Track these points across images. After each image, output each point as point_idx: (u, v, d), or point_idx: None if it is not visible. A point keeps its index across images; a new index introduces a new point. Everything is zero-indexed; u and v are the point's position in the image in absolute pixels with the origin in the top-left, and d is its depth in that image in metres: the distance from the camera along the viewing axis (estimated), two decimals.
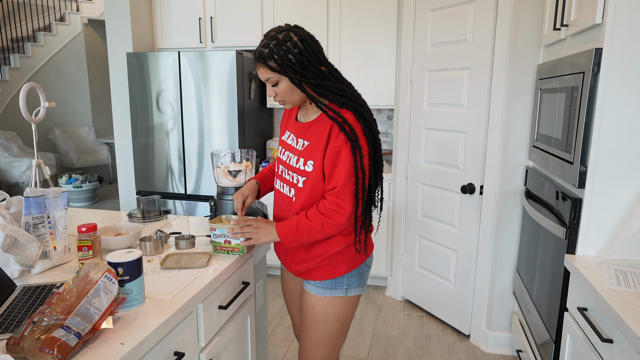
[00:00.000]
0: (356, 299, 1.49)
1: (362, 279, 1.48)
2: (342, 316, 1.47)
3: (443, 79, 2.61)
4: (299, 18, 3.27)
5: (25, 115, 3.02)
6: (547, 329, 1.75)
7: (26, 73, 6.31)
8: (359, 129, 1.30)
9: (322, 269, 1.43)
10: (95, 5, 6.80)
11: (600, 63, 1.41)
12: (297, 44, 1.28)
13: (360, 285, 1.48)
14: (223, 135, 3.18)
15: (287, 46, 1.27)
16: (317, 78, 1.31)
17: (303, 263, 1.45)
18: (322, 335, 1.47)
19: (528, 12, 2.15)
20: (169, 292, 1.21)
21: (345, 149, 1.29)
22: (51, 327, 0.92)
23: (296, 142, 1.42)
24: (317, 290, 1.45)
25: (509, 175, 2.30)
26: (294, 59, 1.27)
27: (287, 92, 1.33)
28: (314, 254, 1.42)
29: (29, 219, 1.36)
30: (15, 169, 5.54)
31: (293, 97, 1.35)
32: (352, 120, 1.30)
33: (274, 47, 1.27)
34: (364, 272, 1.49)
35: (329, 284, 1.43)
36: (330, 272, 1.42)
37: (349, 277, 1.44)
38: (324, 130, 1.33)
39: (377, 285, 3.35)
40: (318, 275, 1.44)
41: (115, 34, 3.39)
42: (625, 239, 1.42)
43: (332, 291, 1.44)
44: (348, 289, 1.45)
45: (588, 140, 1.48)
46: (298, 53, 1.27)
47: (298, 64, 1.28)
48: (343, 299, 1.45)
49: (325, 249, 1.40)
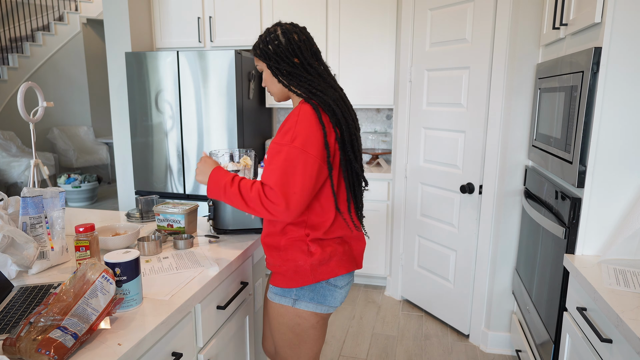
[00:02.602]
0: (310, 315, 1.41)
1: (320, 296, 1.39)
2: (295, 327, 1.42)
3: (442, 79, 2.60)
4: (298, 17, 3.26)
5: (24, 115, 3.01)
6: (546, 328, 1.75)
7: (25, 73, 6.30)
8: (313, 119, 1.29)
9: (282, 275, 1.40)
10: (94, 5, 6.79)
11: (600, 62, 1.41)
12: (278, 37, 1.38)
13: (314, 302, 1.39)
14: (222, 135, 3.17)
15: (270, 37, 1.39)
16: (288, 67, 1.37)
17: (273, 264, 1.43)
18: (279, 342, 1.47)
19: (527, 11, 2.14)
20: (167, 293, 1.21)
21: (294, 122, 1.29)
22: (48, 327, 0.91)
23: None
24: (270, 294, 1.45)
25: (508, 174, 2.30)
26: (271, 49, 1.37)
27: (267, 80, 1.43)
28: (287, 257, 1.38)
29: (26, 219, 1.36)
30: (14, 168, 5.54)
31: (273, 86, 1.43)
32: (306, 110, 1.30)
33: (262, 38, 1.40)
34: (325, 290, 1.39)
35: (279, 291, 1.42)
36: (286, 281, 1.39)
37: (298, 290, 1.39)
38: (284, 124, 1.35)
39: (376, 285, 3.34)
40: (277, 281, 1.41)
41: (114, 34, 3.38)
42: (624, 238, 1.41)
43: (280, 298, 1.42)
44: (296, 301, 1.40)
45: (587, 139, 1.48)
46: (277, 45, 1.37)
47: (274, 54, 1.37)
48: (291, 309, 1.41)
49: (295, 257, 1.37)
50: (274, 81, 1.41)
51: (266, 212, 1.26)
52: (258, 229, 1.70)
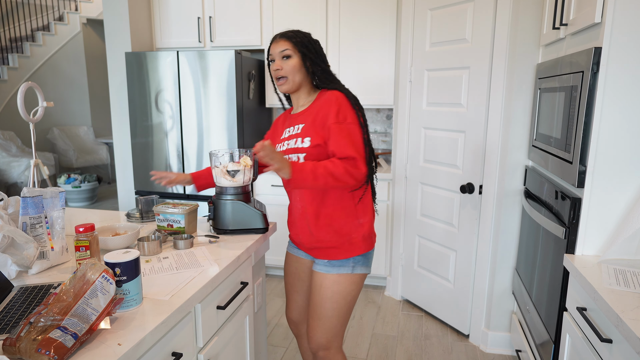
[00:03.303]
0: (361, 278, 1.62)
1: (368, 260, 1.63)
2: (347, 295, 1.59)
3: (442, 79, 2.60)
4: (298, 17, 3.26)
5: (23, 115, 3.01)
6: (546, 328, 1.75)
7: (25, 73, 6.30)
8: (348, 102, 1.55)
9: (337, 249, 1.57)
10: (94, 5, 6.79)
11: (600, 62, 1.41)
12: (313, 39, 1.60)
13: (366, 265, 1.62)
14: (222, 134, 3.17)
15: (306, 35, 1.60)
16: (322, 64, 1.60)
17: (326, 241, 1.58)
18: (329, 312, 1.59)
19: (527, 11, 2.14)
20: (167, 293, 1.21)
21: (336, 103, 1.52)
22: (48, 327, 0.91)
23: (293, 129, 1.60)
24: (325, 268, 1.59)
25: (508, 174, 2.30)
26: (309, 45, 1.57)
27: (294, 68, 1.55)
28: (342, 233, 1.57)
29: (26, 219, 1.36)
30: (14, 168, 5.53)
31: (296, 76, 1.57)
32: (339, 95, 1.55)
33: (296, 32, 1.59)
34: (370, 254, 1.64)
35: (336, 263, 1.58)
36: (339, 253, 1.57)
37: (354, 258, 1.59)
38: (321, 109, 1.54)
39: (376, 285, 3.34)
40: (332, 255, 1.58)
41: (114, 34, 3.38)
42: (624, 238, 1.41)
43: (339, 269, 1.58)
44: (354, 267, 1.59)
45: (587, 139, 1.48)
46: (314, 43, 1.59)
47: (313, 50, 1.57)
48: (348, 277, 1.59)
49: (350, 230, 1.57)
50: (301, 70, 1.57)
51: (352, 180, 1.46)
52: (258, 229, 1.70)
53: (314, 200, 1.58)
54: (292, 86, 1.58)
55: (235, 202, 1.67)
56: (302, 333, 1.85)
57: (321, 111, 1.53)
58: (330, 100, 1.52)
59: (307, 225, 1.61)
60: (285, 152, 1.58)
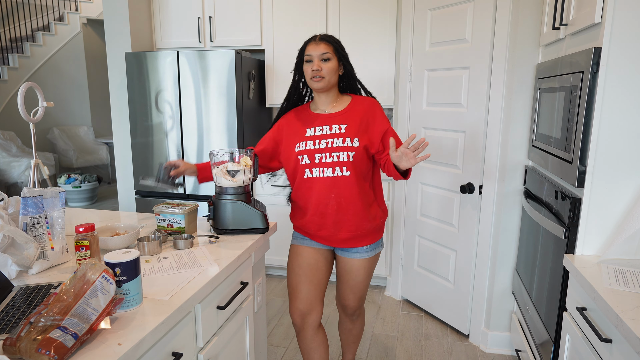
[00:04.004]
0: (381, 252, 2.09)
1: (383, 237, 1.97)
2: (374, 267, 1.92)
3: (442, 79, 2.61)
4: (298, 18, 3.26)
5: (24, 115, 3.01)
6: (546, 328, 1.75)
7: (25, 73, 6.30)
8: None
9: (370, 235, 1.81)
10: (94, 5, 6.80)
11: (599, 62, 1.41)
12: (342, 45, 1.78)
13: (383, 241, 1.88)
14: (222, 134, 3.17)
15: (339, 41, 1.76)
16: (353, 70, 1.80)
17: (367, 229, 1.77)
18: (365, 286, 1.91)
19: (527, 11, 2.14)
20: (167, 293, 1.21)
21: (381, 109, 1.81)
22: (48, 327, 0.91)
23: (330, 129, 1.73)
24: (365, 254, 1.82)
25: (508, 174, 2.30)
26: (342, 51, 1.75)
27: (332, 70, 1.70)
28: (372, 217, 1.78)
29: (26, 219, 1.36)
30: (14, 168, 5.54)
31: (331, 78, 1.71)
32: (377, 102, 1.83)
33: (333, 37, 1.74)
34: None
35: (373, 246, 1.83)
36: (374, 237, 1.83)
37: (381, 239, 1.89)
38: (365, 114, 1.76)
39: (376, 285, 3.34)
40: (367, 241, 1.80)
41: (114, 34, 3.39)
42: (624, 238, 1.41)
43: (375, 250, 1.85)
44: (382, 244, 1.91)
45: (587, 139, 1.48)
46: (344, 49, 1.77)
47: (346, 56, 1.76)
48: (379, 254, 1.89)
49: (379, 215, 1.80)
50: (337, 73, 1.73)
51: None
52: (258, 229, 1.70)
53: (360, 193, 1.74)
54: (327, 85, 1.72)
55: (235, 202, 1.67)
56: (308, 324, 1.85)
57: (366, 115, 1.74)
58: (375, 107, 1.78)
59: (349, 218, 1.75)
60: (332, 150, 1.70)
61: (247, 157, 1.68)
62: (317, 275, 1.84)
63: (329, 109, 1.78)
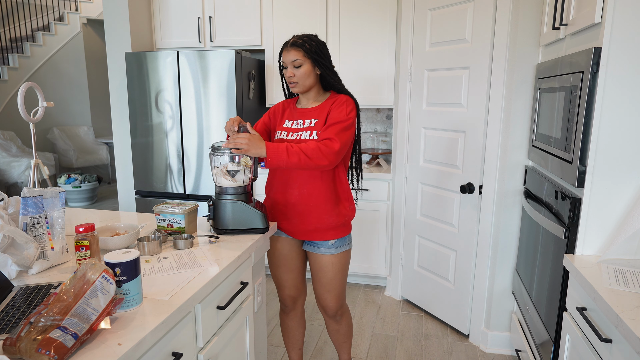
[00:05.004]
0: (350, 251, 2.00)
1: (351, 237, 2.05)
2: (346, 265, 1.95)
3: (442, 79, 2.61)
4: (298, 18, 3.26)
5: (24, 115, 3.01)
6: (546, 328, 1.75)
7: (25, 73, 6.30)
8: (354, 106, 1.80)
9: (334, 230, 1.85)
10: (94, 5, 6.79)
11: (599, 62, 1.41)
12: (321, 42, 1.78)
13: (351, 241, 1.96)
14: (222, 135, 3.17)
15: (314, 39, 1.76)
16: (331, 66, 1.80)
17: (322, 222, 1.82)
18: (339, 282, 1.93)
19: (527, 11, 2.14)
20: (167, 293, 1.21)
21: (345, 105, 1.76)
22: (48, 327, 0.91)
23: (303, 123, 1.81)
24: (331, 250, 1.87)
25: (508, 174, 2.30)
26: (321, 50, 1.75)
27: (304, 75, 1.75)
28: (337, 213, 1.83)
29: (26, 219, 1.36)
30: (14, 168, 5.54)
31: (306, 81, 1.77)
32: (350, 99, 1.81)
33: (306, 39, 1.74)
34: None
35: (338, 243, 1.88)
36: (338, 232, 1.86)
37: (348, 235, 1.92)
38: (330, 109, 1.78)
39: (376, 285, 3.34)
40: (330, 235, 1.85)
41: (114, 34, 3.39)
42: (624, 238, 1.41)
43: (341, 248, 1.89)
44: (350, 243, 1.94)
45: (587, 139, 1.48)
46: (322, 46, 1.77)
47: (321, 54, 1.76)
48: (348, 251, 1.93)
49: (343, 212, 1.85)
50: (311, 75, 1.76)
51: (324, 157, 1.65)
52: (258, 229, 1.70)
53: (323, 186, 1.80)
54: (303, 89, 1.80)
55: (235, 202, 1.67)
56: (299, 304, 2.08)
57: (333, 111, 1.76)
58: (342, 103, 1.77)
59: (311, 210, 1.81)
60: (299, 142, 1.76)
61: (247, 157, 1.68)
62: (294, 262, 1.98)
63: (308, 105, 1.87)
